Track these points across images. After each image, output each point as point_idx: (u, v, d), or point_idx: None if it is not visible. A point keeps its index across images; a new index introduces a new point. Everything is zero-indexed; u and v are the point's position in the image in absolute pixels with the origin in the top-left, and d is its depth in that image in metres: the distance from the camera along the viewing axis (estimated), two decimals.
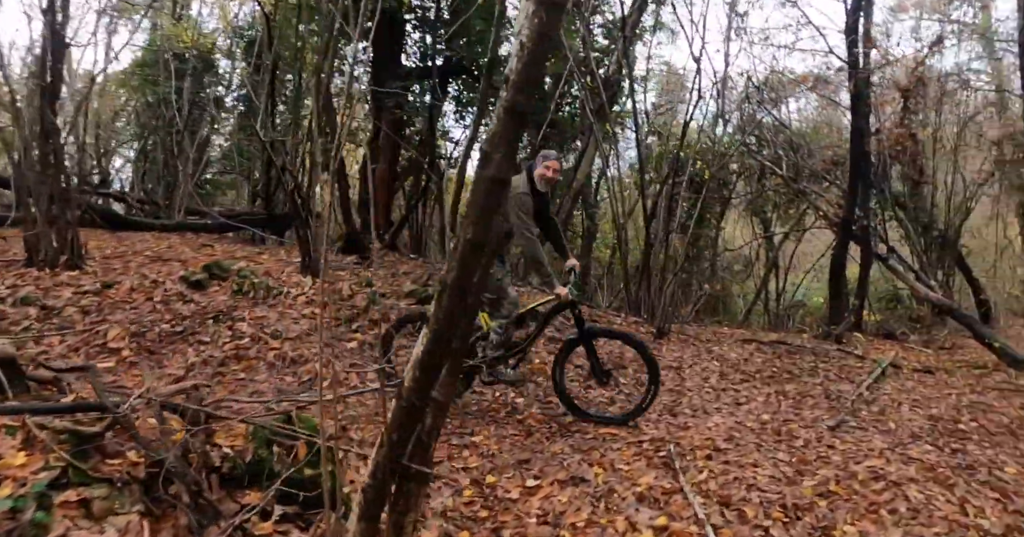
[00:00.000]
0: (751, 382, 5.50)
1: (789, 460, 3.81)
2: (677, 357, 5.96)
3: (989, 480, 3.86)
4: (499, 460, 3.68)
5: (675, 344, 6.43)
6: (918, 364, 7.53)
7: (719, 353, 6.33)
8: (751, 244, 13.29)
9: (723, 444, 3.97)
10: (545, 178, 4.19)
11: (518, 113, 1.80)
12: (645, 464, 3.61)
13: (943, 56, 19.27)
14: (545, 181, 4.21)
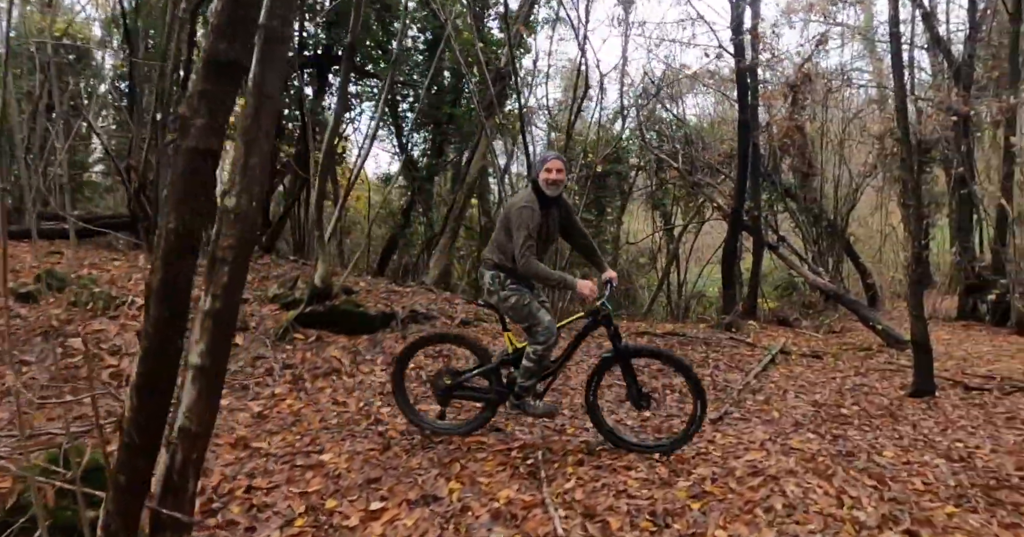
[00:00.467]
0: (640, 377, 5.26)
1: (666, 460, 3.56)
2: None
3: (867, 466, 3.75)
4: (346, 480, 3.23)
5: (566, 342, 6.14)
6: (807, 349, 7.60)
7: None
8: (652, 237, 13.34)
9: (598, 446, 3.67)
10: (549, 182, 3.66)
11: (224, 65, 1.38)
12: (509, 475, 3.26)
13: (829, 55, 20.21)
14: (551, 184, 3.67)
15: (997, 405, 5.38)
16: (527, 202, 3.60)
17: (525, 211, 3.56)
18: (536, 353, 3.58)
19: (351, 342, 5.28)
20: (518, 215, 3.56)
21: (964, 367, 7.28)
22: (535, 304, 3.66)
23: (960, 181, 10.77)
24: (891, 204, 19.60)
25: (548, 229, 3.71)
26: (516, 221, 3.56)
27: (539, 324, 3.58)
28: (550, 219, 3.73)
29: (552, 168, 3.62)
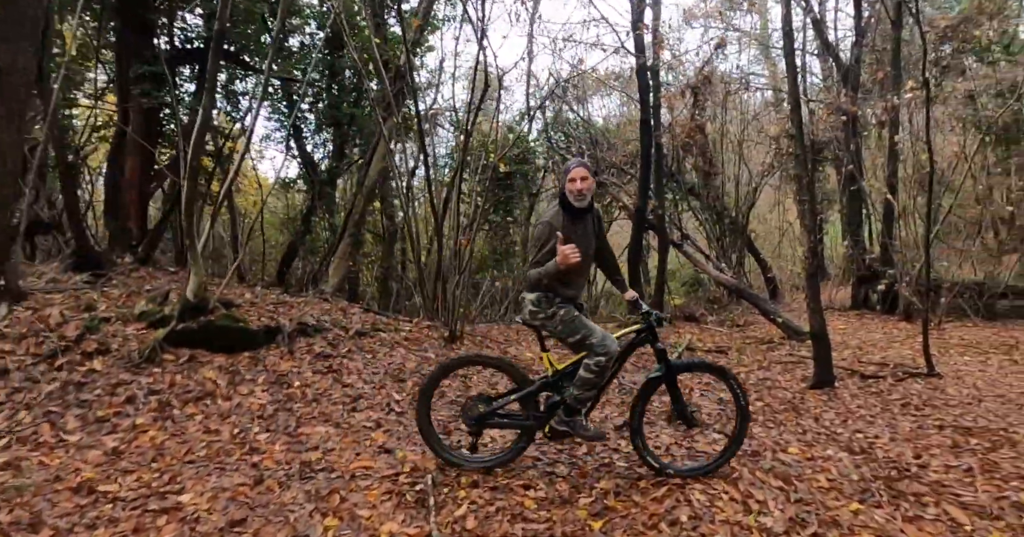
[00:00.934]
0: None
1: (567, 474, 3.31)
2: None
3: (773, 466, 3.65)
4: (205, 525, 2.80)
5: (466, 348, 5.86)
6: (712, 345, 7.63)
7: (514, 354, 5.86)
8: None
9: None
10: (575, 192, 3.32)
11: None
12: (395, 505, 2.92)
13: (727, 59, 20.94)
14: (577, 194, 3.32)
15: (892, 392, 5.51)
16: (548, 217, 3.36)
17: (539, 228, 3.36)
18: (598, 364, 3.25)
19: (229, 361, 4.77)
20: (533, 231, 3.44)
21: (859, 355, 7.52)
22: (580, 318, 3.37)
23: (850, 179, 11.26)
24: (788, 201, 20.58)
25: (582, 242, 3.35)
26: (532, 236, 3.43)
27: (593, 335, 3.29)
28: (582, 231, 3.40)
29: (576, 177, 3.30)
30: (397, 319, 6.62)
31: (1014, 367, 7.32)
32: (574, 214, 3.33)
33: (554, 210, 3.36)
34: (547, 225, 3.27)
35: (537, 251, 3.28)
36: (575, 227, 3.33)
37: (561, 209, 3.33)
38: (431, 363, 5.27)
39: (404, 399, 4.42)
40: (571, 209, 3.32)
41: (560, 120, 14.22)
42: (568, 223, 3.30)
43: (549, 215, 3.35)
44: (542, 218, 3.39)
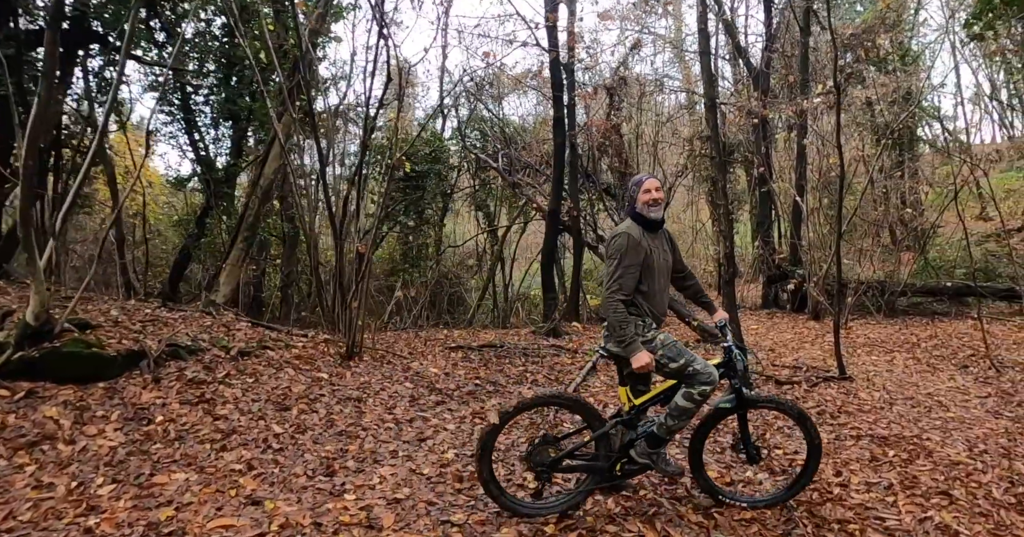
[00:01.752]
0: (447, 403, 4.60)
1: (464, 522, 2.89)
2: (363, 383, 4.86)
3: (690, 496, 3.37)
4: None
5: (366, 365, 5.34)
6: None
7: (417, 370, 5.39)
8: (476, 238, 12.85)
9: (382, 512, 2.92)
10: (649, 202, 3.12)
11: None
12: None
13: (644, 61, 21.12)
14: (651, 206, 3.13)
15: (807, 399, 5.40)
16: (625, 228, 3.10)
17: (619, 239, 3.06)
18: (702, 393, 2.96)
19: (79, 395, 4.06)
20: (611, 244, 3.11)
21: (773, 358, 7.49)
22: (680, 343, 3.08)
23: (761, 180, 11.39)
24: (700, 202, 21.01)
25: (659, 258, 3.15)
26: (609, 250, 3.11)
27: (695, 362, 2.99)
28: (659, 246, 3.20)
29: (651, 188, 3.13)
30: (290, 333, 6.00)
31: (918, 366, 7.48)
32: (650, 227, 3.15)
33: (628, 223, 3.13)
34: (626, 237, 3.03)
35: (618, 265, 3.00)
36: (654, 241, 3.14)
37: (635, 223, 3.12)
38: (322, 385, 4.73)
39: (286, 431, 3.87)
40: (646, 222, 3.13)
41: (475, 118, 13.82)
42: (648, 233, 3.11)
43: (624, 226, 3.11)
44: (617, 230, 3.13)
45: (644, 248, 3.02)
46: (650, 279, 3.06)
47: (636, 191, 3.14)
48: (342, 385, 4.73)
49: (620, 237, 3.03)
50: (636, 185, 3.16)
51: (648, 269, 3.05)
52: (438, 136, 12.22)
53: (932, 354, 8.03)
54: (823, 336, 9.38)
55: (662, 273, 3.14)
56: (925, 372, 7.12)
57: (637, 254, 2.99)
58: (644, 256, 3.01)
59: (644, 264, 3.02)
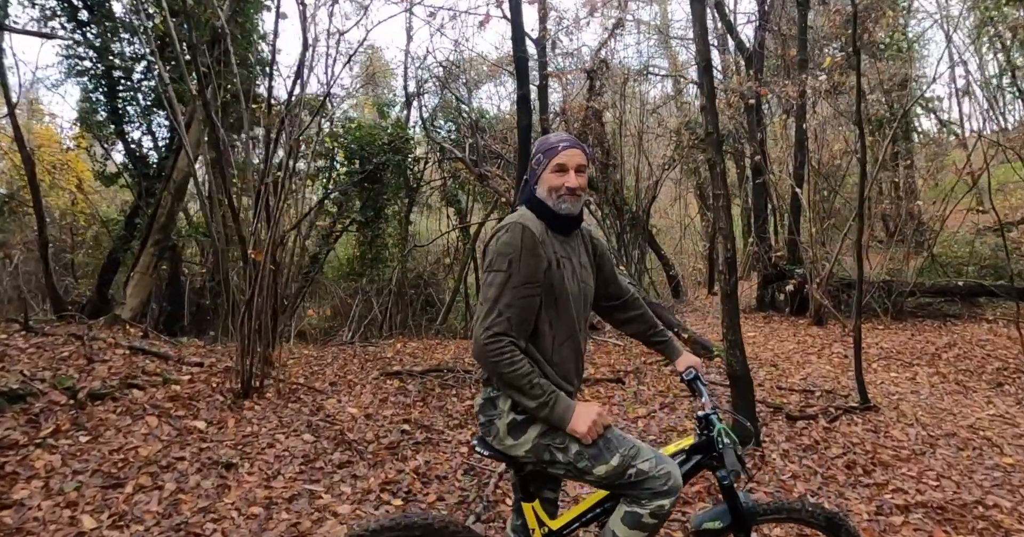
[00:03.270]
0: (354, 466, 3.40)
1: None
2: (247, 435, 3.66)
3: None
4: None
5: (264, 406, 4.14)
6: (607, 369, 6.26)
7: (330, 411, 4.20)
8: (446, 236, 11.66)
9: None
10: (563, 190, 1.79)
11: None
12: None
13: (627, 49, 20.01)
14: (567, 195, 1.80)
15: (828, 441, 4.27)
16: (517, 218, 1.75)
17: (506, 235, 1.71)
18: (657, 512, 1.66)
19: None
20: (493, 244, 1.74)
21: (777, 377, 6.39)
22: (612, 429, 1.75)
23: (755, 171, 10.29)
24: (689, 196, 19.95)
25: (572, 278, 1.81)
26: (489, 255, 1.74)
27: (640, 455, 1.69)
28: (576, 259, 1.86)
29: (568, 164, 1.78)
30: (182, 361, 4.78)
31: (945, 384, 6.40)
32: (559, 226, 1.81)
33: (526, 219, 1.75)
34: (520, 230, 1.68)
35: (503, 283, 1.66)
36: (564, 250, 1.81)
37: (539, 221, 1.78)
38: (190, 441, 3.52)
39: (99, 527, 2.68)
40: (553, 218, 1.79)
41: (447, 107, 12.63)
42: (553, 240, 1.78)
43: (516, 216, 1.77)
44: (503, 229, 1.75)
45: (546, 257, 1.71)
46: (554, 314, 1.74)
47: (542, 163, 1.81)
48: (217, 440, 3.53)
49: (509, 231, 1.70)
50: (544, 153, 1.82)
51: (552, 296, 1.73)
52: (400, 124, 10.99)
53: (957, 368, 6.95)
54: (829, 346, 8.29)
55: (577, 304, 1.80)
56: (956, 393, 6.04)
57: (535, 265, 1.67)
58: (546, 271, 1.71)
59: (546, 286, 1.72)
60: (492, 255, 1.69)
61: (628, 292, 2.08)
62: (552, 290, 1.72)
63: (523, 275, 1.65)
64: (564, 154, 1.76)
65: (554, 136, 1.84)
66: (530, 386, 1.60)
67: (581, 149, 1.82)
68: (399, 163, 10.22)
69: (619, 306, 2.07)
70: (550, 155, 1.78)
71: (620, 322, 2.11)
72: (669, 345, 2.06)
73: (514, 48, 6.45)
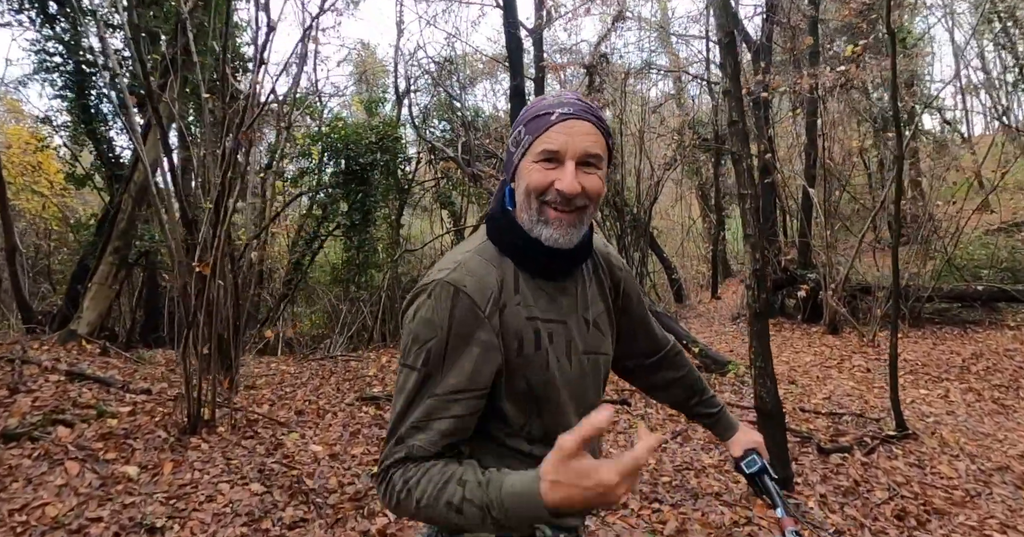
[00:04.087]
0: (309, 524, 2.80)
1: None
2: (185, 485, 3.05)
3: None
4: None
5: (213, 444, 3.54)
6: (610, 387, 5.68)
7: (290, 451, 3.60)
8: (440, 239, 11.06)
9: None
10: (545, 195, 1.00)
11: None
12: None
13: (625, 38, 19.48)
14: (547, 208, 1.00)
15: (870, 482, 3.69)
16: (447, 273, 0.99)
17: (424, 323, 0.97)
18: None
19: None
20: (406, 337, 0.99)
21: (798, 397, 5.82)
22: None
23: (763, 170, 9.72)
24: (691, 196, 19.41)
25: (569, 351, 1.08)
26: (402, 341, 1.00)
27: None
28: (571, 318, 1.10)
29: (565, 148, 0.98)
30: (124, 389, 4.18)
31: (982, 403, 5.83)
32: (545, 270, 1.06)
33: (465, 255, 1.03)
34: (446, 314, 0.96)
35: (411, 401, 0.97)
36: (557, 306, 1.08)
37: (503, 260, 1.05)
38: (116, 492, 2.93)
39: None
40: (533, 258, 1.04)
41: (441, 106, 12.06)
42: (532, 298, 1.04)
43: (449, 263, 1.02)
44: (422, 291, 0.99)
45: (512, 336, 1.00)
46: (533, 416, 1.05)
47: (522, 144, 1.03)
48: (147, 492, 2.93)
49: (431, 297, 0.97)
50: (527, 125, 1.03)
51: (527, 396, 1.03)
52: (389, 122, 10.41)
53: (989, 383, 6.39)
54: (848, 357, 7.71)
55: (579, 394, 1.10)
56: (995, 414, 5.47)
57: (477, 359, 0.96)
58: (513, 359, 1.00)
59: (511, 384, 1.02)
60: (404, 338, 0.99)
61: (665, 344, 1.36)
62: (528, 387, 1.02)
63: (451, 379, 0.95)
64: (559, 129, 0.99)
65: (551, 96, 1.06)
66: (457, 511, 0.89)
67: (593, 122, 1.01)
68: (388, 163, 9.63)
69: (651, 366, 1.35)
70: (536, 129, 1.01)
71: (651, 387, 1.40)
72: (720, 420, 1.36)
73: (506, 35, 5.87)
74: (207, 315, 3.57)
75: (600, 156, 1.00)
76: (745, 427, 1.35)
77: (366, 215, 9.42)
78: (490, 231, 1.08)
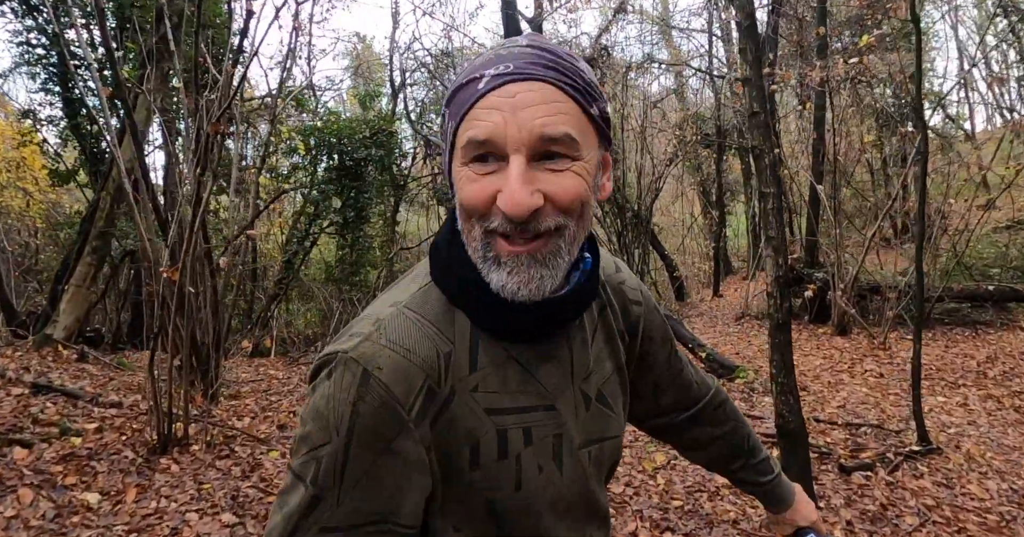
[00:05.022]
0: None
1: None
2: (150, 515, 2.76)
3: None
4: None
5: (185, 465, 3.24)
6: None
7: (268, 472, 3.30)
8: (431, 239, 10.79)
9: None
10: (486, 218, 0.64)
11: None
12: None
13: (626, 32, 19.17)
14: (493, 242, 0.65)
15: (898, 506, 3.42)
16: (347, 369, 0.62)
17: (316, 417, 0.62)
18: None
19: None
20: (296, 436, 0.65)
21: (812, 406, 5.53)
22: None
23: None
24: (691, 193, 19.13)
25: (554, 452, 0.72)
26: (292, 455, 0.65)
27: None
28: (560, 400, 0.73)
29: (502, 137, 0.60)
30: (94, 402, 3.89)
31: (1002, 411, 5.56)
32: (514, 333, 0.69)
33: (396, 324, 0.66)
34: (347, 409, 0.61)
35: (299, 520, 0.61)
36: (532, 386, 0.70)
37: (455, 313, 0.69)
38: (78, 523, 2.64)
39: None
40: (498, 316, 0.67)
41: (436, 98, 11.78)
42: (499, 374, 0.68)
43: (345, 365, 0.63)
44: (324, 366, 0.64)
45: (438, 442, 0.64)
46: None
47: (447, 134, 0.67)
48: (107, 524, 2.65)
49: (331, 380, 0.63)
50: (452, 108, 0.66)
51: (499, 515, 0.68)
52: (384, 117, 10.10)
53: (1009, 389, 6.12)
54: (860, 361, 7.44)
55: (568, 507, 0.74)
56: (1018, 424, 5.19)
57: (392, 481, 0.62)
58: (453, 478, 0.66)
59: (464, 506, 0.67)
60: (295, 436, 0.66)
61: (704, 394, 0.99)
62: (490, 510, 0.68)
63: (352, 503, 0.62)
64: (492, 103, 0.62)
65: (488, 50, 0.68)
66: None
67: (552, 81, 0.63)
68: (383, 159, 9.33)
69: (685, 421, 0.99)
70: (459, 107, 0.65)
71: (684, 447, 1.04)
72: (773, 489, 1.01)
73: (504, 24, 5.57)
74: (179, 323, 3.28)
75: (571, 137, 0.61)
76: (802, 498, 1.04)
77: (360, 212, 9.13)
78: (433, 270, 0.72)
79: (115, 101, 6.00)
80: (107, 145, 9.29)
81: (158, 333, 3.24)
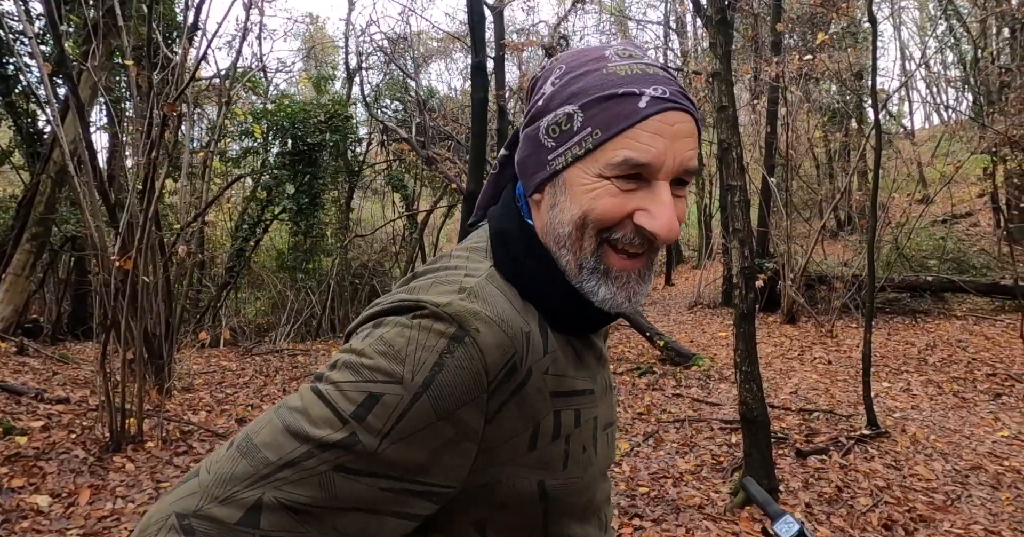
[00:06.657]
0: None
1: None
2: (105, 517, 2.65)
3: None
4: None
5: (140, 463, 3.12)
6: None
7: None
8: (392, 224, 10.64)
9: None
10: (620, 237, 0.65)
11: None
12: None
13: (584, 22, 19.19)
14: (613, 257, 0.66)
15: (852, 488, 3.55)
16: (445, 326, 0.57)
17: (389, 358, 0.55)
18: None
19: None
20: (347, 355, 0.58)
21: (765, 391, 5.68)
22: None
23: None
24: None
25: (597, 432, 0.73)
26: (321, 380, 0.58)
27: None
28: (599, 379, 0.75)
29: (659, 160, 0.62)
30: (39, 398, 3.70)
31: (943, 396, 5.83)
32: (583, 323, 0.70)
33: (488, 293, 0.63)
34: (450, 377, 0.56)
35: (311, 452, 0.54)
36: (589, 366, 0.73)
37: (524, 303, 0.66)
38: (29, 528, 2.51)
39: None
40: (574, 314, 0.68)
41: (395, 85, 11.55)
42: (565, 361, 0.68)
43: (443, 323, 0.58)
44: (401, 308, 0.60)
45: (504, 419, 0.60)
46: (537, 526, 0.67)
47: (579, 139, 0.64)
48: (57, 528, 2.52)
49: (395, 331, 0.58)
50: (595, 104, 0.63)
51: (548, 498, 0.66)
52: (339, 101, 9.87)
53: (947, 375, 6.41)
54: (809, 349, 7.70)
55: (597, 493, 0.74)
56: (958, 408, 5.46)
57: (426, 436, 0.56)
58: (506, 458, 0.63)
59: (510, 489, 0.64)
60: (343, 355, 0.59)
61: None
62: (539, 494, 0.65)
63: (384, 458, 0.55)
64: (656, 128, 0.62)
65: (614, 53, 0.67)
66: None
67: (694, 115, 0.66)
68: (337, 144, 9.13)
69: None
70: (613, 120, 0.63)
71: None
72: None
73: (468, 7, 5.48)
74: (132, 315, 3.14)
75: (694, 170, 0.66)
76: None
77: (314, 198, 8.93)
78: (502, 259, 0.69)
79: (55, 78, 5.68)
80: (47, 124, 8.84)
81: (110, 326, 3.09)
